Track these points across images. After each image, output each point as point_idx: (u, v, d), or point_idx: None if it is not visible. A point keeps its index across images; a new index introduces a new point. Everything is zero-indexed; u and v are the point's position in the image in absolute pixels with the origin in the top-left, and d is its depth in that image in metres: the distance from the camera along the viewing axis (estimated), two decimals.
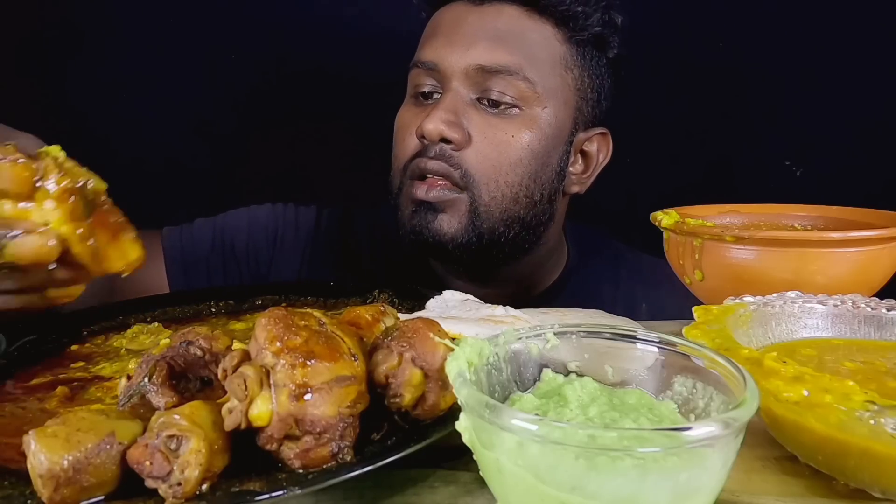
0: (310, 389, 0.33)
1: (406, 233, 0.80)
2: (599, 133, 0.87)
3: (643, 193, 1.02)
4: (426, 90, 0.81)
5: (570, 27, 0.81)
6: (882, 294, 0.54)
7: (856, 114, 1.15)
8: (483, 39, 0.78)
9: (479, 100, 0.78)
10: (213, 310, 0.69)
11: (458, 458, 0.39)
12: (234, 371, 0.34)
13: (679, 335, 0.38)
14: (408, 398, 0.37)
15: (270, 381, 0.33)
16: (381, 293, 0.69)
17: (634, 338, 0.37)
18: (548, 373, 0.37)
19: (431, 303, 0.59)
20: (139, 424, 0.34)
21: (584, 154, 0.87)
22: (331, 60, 1.22)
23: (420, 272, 0.89)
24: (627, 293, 0.91)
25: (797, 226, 0.70)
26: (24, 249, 0.41)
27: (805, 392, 0.35)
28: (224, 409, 0.34)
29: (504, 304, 0.55)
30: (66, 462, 0.31)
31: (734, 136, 1.22)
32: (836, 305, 0.50)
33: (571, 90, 0.82)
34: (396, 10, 1.14)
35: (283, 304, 0.69)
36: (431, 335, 0.38)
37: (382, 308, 0.45)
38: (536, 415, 0.30)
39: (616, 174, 0.90)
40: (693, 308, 0.49)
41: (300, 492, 0.32)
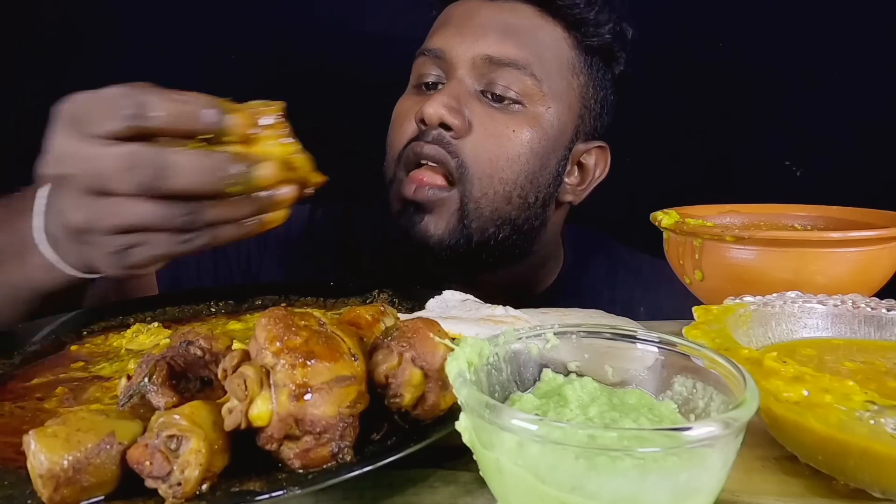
0: (310, 389, 0.33)
1: (393, 231, 0.79)
2: (598, 146, 0.86)
3: (643, 193, 1.02)
4: (430, 80, 0.81)
5: (581, 32, 0.81)
6: (882, 294, 0.54)
7: (856, 114, 1.15)
8: (494, 31, 0.78)
9: (484, 93, 0.78)
10: (213, 310, 0.69)
11: (458, 458, 0.39)
12: (234, 371, 0.34)
13: (679, 335, 0.38)
14: (408, 398, 0.37)
15: (270, 381, 0.33)
16: (381, 293, 0.69)
17: (634, 338, 0.37)
18: (548, 373, 0.37)
19: (431, 303, 0.59)
20: (139, 424, 0.34)
21: (581, 166, 0.86)
22: (331, 60, 1.22)
23: (420, 272, 0.89)
24: (625, 295, 0.91)
25: (797, 226, 0.70)
26: (264, 174, 0.47)
27: (805, 392, 0.35)
28: (224, 409, 0.34)
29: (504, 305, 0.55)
30: (66, 462, 0.31)
31: (734, 136, 1.22)
32: (836, 305, 0.50)
33: (576, 96, 0.82)
34: (397, 10, 1.14)
35: (283, 304, 0.69)
36: (431, 335, 0.38)
37: (382, 308, 0.45)
38: (536, 415, 0.30)
39: (616, 174, 0.90)
40: (693, 308, 0.49)
41: (300, 492, 0.32)
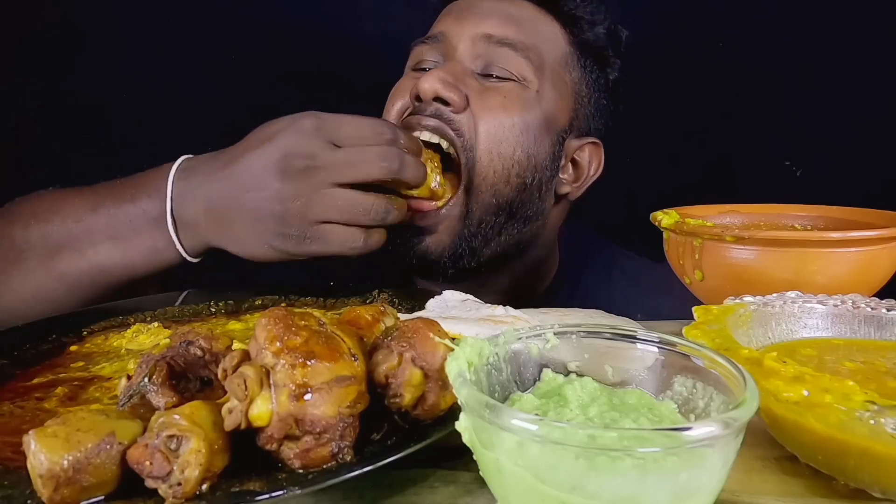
0: (310, 389, 0.33)
1: (390, 252, 0.76)
2: (591, 143, 0.86)
3: (643, 193, 1.02)
4: (427, 66, 0.81)
5: (577, 28, 0.83)
6: (882, 294, 0.54)
7: (856, 114, 1.15)
8: (495, 16, 0.80)
9: (481, 75, 0.78)
10: (213, 310, 0.69)
11: (458, 458, 0.39)
12: (234, 371, 0.34)
13: (679, 335, 0.38)
14: (408, 398, 0.37)
15: (270, 381, 0.33)
16: (381, 293, 0.69)
17: (634, 338, 0.37)
18: (548, 373, 0.37)
19: (431, 303, 0.59)
20: (139, 424, 0.34)
21: (576, 163, 0.86)
22: (331, 61, 1.22)
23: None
24: (621, 298, 0.90)
25: (797, 226, 0.70)
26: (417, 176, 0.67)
27: (805, 392, 0.35)
28: (224, 409, 0.34)
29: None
30: (66, 462, 0.31)
31: (734, 136, 1.22)
32: (836, 305, 0.50)
33: (569, 90, 0.83)
34: (398, 11, 1.14)
35: (283, 304, 0.70)
36: (431, 335, 0.38)
37: (382, 308, 0.45)
38: (536, 415, 0.30)
39: (616, 174, 0.90)
40: (693, 308, 0.49)
41: (300, 492, 0.32)
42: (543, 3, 0.82)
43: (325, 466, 0.34)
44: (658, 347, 0.37)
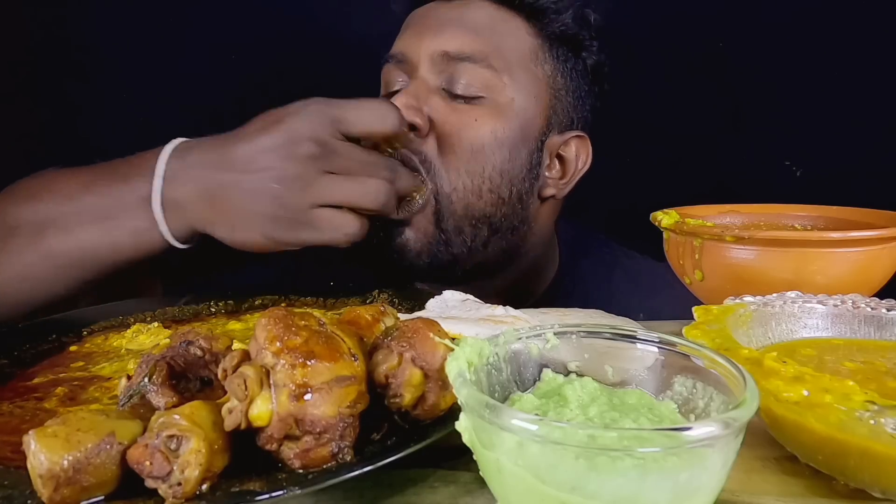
0: (310, 389, 0.33)
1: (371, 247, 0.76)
2: (576, 136, 0.84)
3: (643, 193, 1.02)
4: (397, 87, 0.80)
5: (541, 21, 0.80)
6: (882, 294, 0.54)
7: (856, 114, 1.15)
8: (449, 27, 0.78)
9: (446, 90, 0.77)
10: (213, 310, 0.69)
11: (458, 458, 0.39)
12: (234, 371, 0.34)
13: (679, 335, 0.38)
14: (408, 398, 0.37)
15: (270, 381, 0.33)
16: (381, 293, 0.69)
17: (634, 338, 0.37)
18: (548, 373, 0.37)
19: (431, 303, 0.59)
20: (139, 424, 0.34)
21: (562, 159, 0.85)
22: (331, 61, 1.22)
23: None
24: (621, 298, 0.90)
25: (797, 226, 0.70)
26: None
27: (805, 392, 0.35)
28: (224, 409, 0.34)
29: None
30: (66, 462, 0.31)
31: (734, 137, 1.22)
32: (836, 305, 0.50)
33: (543, 86, 0.81)
34: (398, 12, 1.14)
35: (283, 304, 0.70)
36: (431, 335, 0.38)
37: (382, 308, 0.45)
38: (536, 415, 0.30)
39: (616, 174, 0.90)
40: (693, 308, 0.49)
41: (300, 492, 0.31)
42: (502, 2, 0.80)
43: (325, 466, 0.34)
44: (658, 347, 0.37)
